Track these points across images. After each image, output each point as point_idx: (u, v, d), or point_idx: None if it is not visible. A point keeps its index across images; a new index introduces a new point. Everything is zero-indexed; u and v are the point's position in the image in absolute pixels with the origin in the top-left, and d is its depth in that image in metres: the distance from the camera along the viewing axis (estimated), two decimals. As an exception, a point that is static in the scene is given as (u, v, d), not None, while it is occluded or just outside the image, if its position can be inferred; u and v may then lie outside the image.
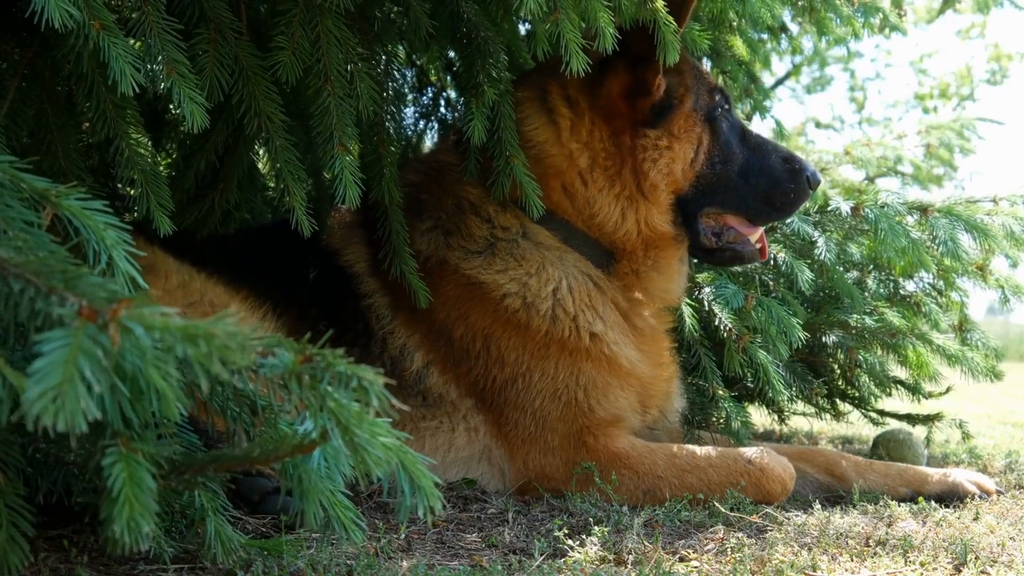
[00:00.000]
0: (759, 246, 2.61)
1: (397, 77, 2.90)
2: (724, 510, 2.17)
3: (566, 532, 1.93)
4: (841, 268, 3.09)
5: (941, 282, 3.24)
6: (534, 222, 2.49)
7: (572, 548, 1.82)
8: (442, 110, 3.69)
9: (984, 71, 15.09)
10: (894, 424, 3.42)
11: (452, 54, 3.35)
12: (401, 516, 1.10)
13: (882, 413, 3.44)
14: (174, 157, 3.12)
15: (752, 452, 2.36)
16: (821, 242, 2.87)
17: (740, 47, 3.55)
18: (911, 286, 3.27)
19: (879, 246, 2.86)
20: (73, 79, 1.89)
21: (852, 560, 1.81)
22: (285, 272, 2.55)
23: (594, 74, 2.38)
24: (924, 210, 2.82)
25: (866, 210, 2.81)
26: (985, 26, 14.78)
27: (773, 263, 2.92)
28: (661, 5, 2.17)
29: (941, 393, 3.40)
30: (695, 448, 2.38)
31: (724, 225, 2.61)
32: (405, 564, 1.65)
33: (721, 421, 2.72)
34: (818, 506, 2.26)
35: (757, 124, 4.10)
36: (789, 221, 2.88)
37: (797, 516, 2.20)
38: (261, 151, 2.52)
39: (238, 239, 2.67)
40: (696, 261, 2.95)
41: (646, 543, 1.86)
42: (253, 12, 2.47)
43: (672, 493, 2.30)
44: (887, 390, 3.25)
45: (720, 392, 2.72)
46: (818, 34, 3.44)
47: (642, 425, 2.59)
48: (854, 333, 3.01)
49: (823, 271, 2.95)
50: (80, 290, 0.98)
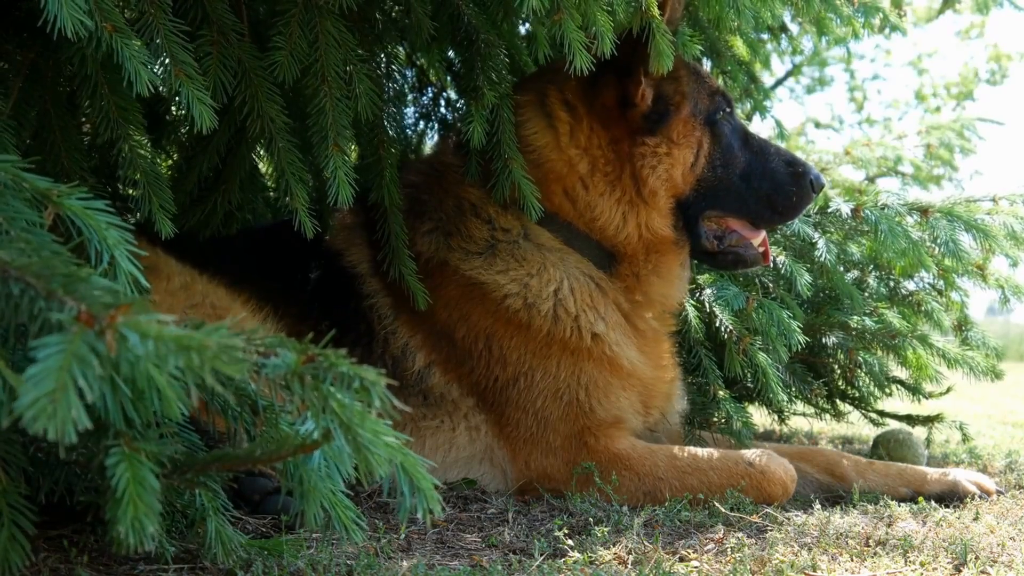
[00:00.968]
0: (762, 250, 2.61)
1: (397, 78, 2.91)
2: (724, 510, 2.17)
3: (566, 532, 1.94)
4: (841, 269, 3.09)
5: (941, 282, 3.24)
6: (536, 224, 2.50)
7: (572, 548, 1.83)
8: (442, 110, 3.69)
9: (984, 71, 15.05)
10: (894, 424, 3.42)
11: (452, 54, 3.35)
12: (401, 517, 1.10)
13: (882, 413, 3.44)
14: (174, 159, 3.12)
15: (753, 454, 2.36)
16: (821, 243, 2.87)
17: (740, 47, 3.55)
18: (911, 286, 3.27)
19: (879, 247, 2.86)
20: (77, 80, 1.89)
21: (852, 560, 1.81)
22: (287, 273, 2.55)
23: (592, 80, 2.40)
24: (924, 211, 2.82)
25: (866, 211, 2.81)
26: (985, 26, 14.78)
27: (773, 265, 2.92)
28: (656, 12, 2.17)
29: (941, 393, 3.40)
30: (696, 450, 2.38)
31: (727, 229, 2.60)
32: (405, 564, 1.66)
33: (722, 421, 2.72)
34: (818, 506, 2.27)
35: (757, 124, 4.10)
36: (789, 222, 2.87)
37: (797, 516, 2.20)
38: (263, 152, 2.52)
39: (240, 241, 2.68)
40: (697, 263, 2.95)
41: (646, 543, 1.87)
42: (253, 13, 2.47)
43: (672, 494, 2.30)
44: (887, 390, 3.25)
45: (721, 393, 2.72)
46: (818, 34, 3.43)
47: (643, 427, 2.59)
48: (854, 334, 3.01)
49: (823, 272, 2.95)
50: (79, 294, 0.98)
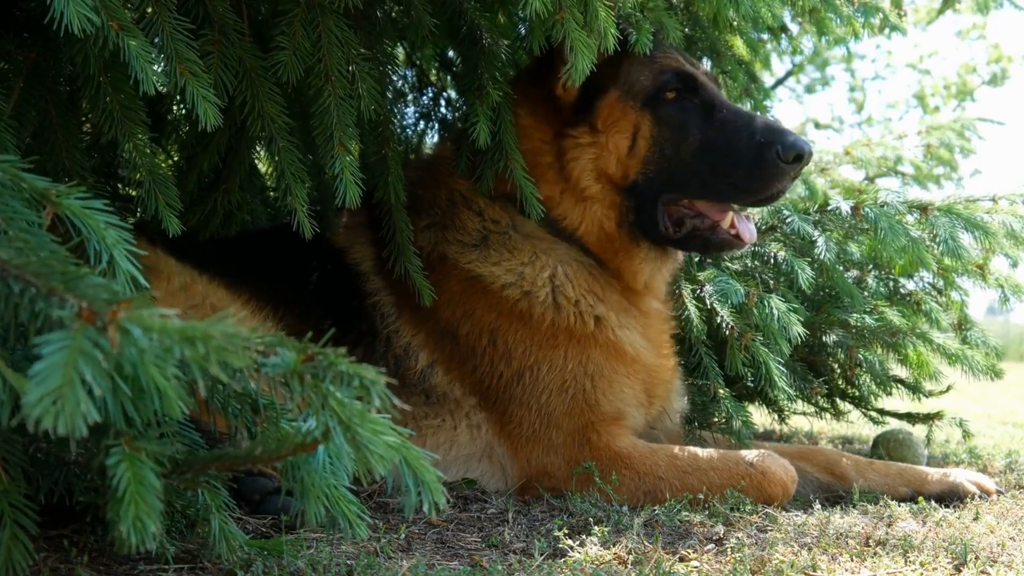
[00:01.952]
0: (733, 232, 2.45)
1: (396, 79, 2.91)
2: (724, 510, 2.17)
3: (566, 532, 1.94)
4: (841, 267, 3.09)
5: (941, 281, 3.24)
6: (523, 215, 2.50)
7: (572, 548, 1.83)
8: (442, 110, 3.70)
9: (985, 72, 15.05)
10: (894, 423, 3.42)
11: (451, 53, 3.35)
12: (407, 512, 1.10)
13: (882, 412, 3.44)
14: (175, 158, 3.12)
15: (754, 455, 2.36)
16: (821, 242, 2.86)
17: (740, 47, 3.55)
18: (911, 285, 3.27)
19: (879, 245, 2.85)
20: (79, 80, 1.89)
21: (852, 560, 1.81)
22: (288, 273, 2.56)
23: (531, 78, 2.46)
24: (924, 209, 2.82)
25: (866, 209, 2.81)
26: (985, 27, 14.78)
27: (773, 262, 2.92)
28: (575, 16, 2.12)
29: (941, 392, 3.40)
30: (696, 450, 2.38)
31: (692, 212, 2.48)
32: (405, 564, 1.66)
33: (722, 421, 2.71)
34: (818, 506, 2.27)
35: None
36: (789, 220, 2.85)
37: (797, 516, 2.20)
38: (263, 152, 2.52)
39: (241, 241, 2.68)
40: (698, 259, 2.95)
41: (646, 543, 1.87)
42: (253, 13, 2.47)
43: (673, 494, 2.30)
44: (887, 389, 3.24)
45: (721, 392, 2.72)
46: (818, 34, 3.43)
47: (645, 422, 2.59)
48: (854, 332, 3.01)
49: (823, 270, 2.95)
50: (80, 292, 0.98)
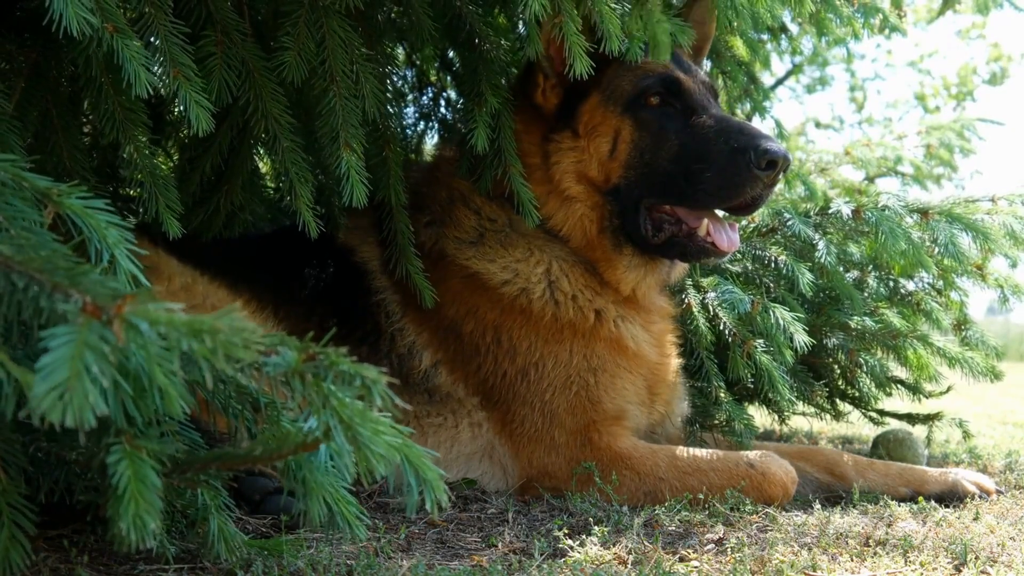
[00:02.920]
0: (709, 240, 2.41)
1: (396, 79, 2.91)
2: (724, 510, 2.17)
3: (566, 532, 1.94)
4: (841, 269, 3.09)
5: (941, 282, 3.24)
6: (520, 215, 2.50)
7: (572, 548, 1.83)
8: (442, 110, 3.70)
9: (984, 71, 15.06)
10: (894, 424, 3.42)
11: (452, 54, 3.35)
12: (409, 510, 1.10)
13: (882, 413, 3.44)
14: (176, 160, 3.12)
15: (754, 456, 2.36)
16: (822, 245, 2.86)
17: (740, 47, 3.55)
18: (911, 286, 3.27)
19: (880, 248, 2.85)
20: (81, 81, 1.89)
21: (852, 560, 1.81)
22: (291, 273, 2.57)
23: (521, 84, 2.48)
24: (924, 212, 2.83)
25: (867, 213, 2.81)
26: (985, 27, 14.79)
27: (774, 265, 2.92)
28: (566, 19, 2.12)
29: (941, 393, 3.40)
30: (697, 451, 2.38)
31: (672, 218, 2.45)
32: (405, 564, 1.66)
33: (723, 423, 2.72)
34: (818, 506, 2.27)
35: (757, 124, 4.09)
36: (789, 222, 2.84)
37: (797, 516, 2.20)
38: (265, 152, 2.53)
39: (243, 242, 2.69)
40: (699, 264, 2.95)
41: (646, 543, 1.87)
42: (255, 13, 2.48)
43: (673, 495, 2.30)
44: (887, 390, 3.25)
45: (722, 395, 2.72)
46: (818, 34, 3.44)
47: (647, 424, 2.59)
48: (855, 334, 3.01)
49: (824, 273, 2.95)
50: (84, 287, 0.99)
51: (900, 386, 3.26)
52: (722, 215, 2.52)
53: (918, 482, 2.51)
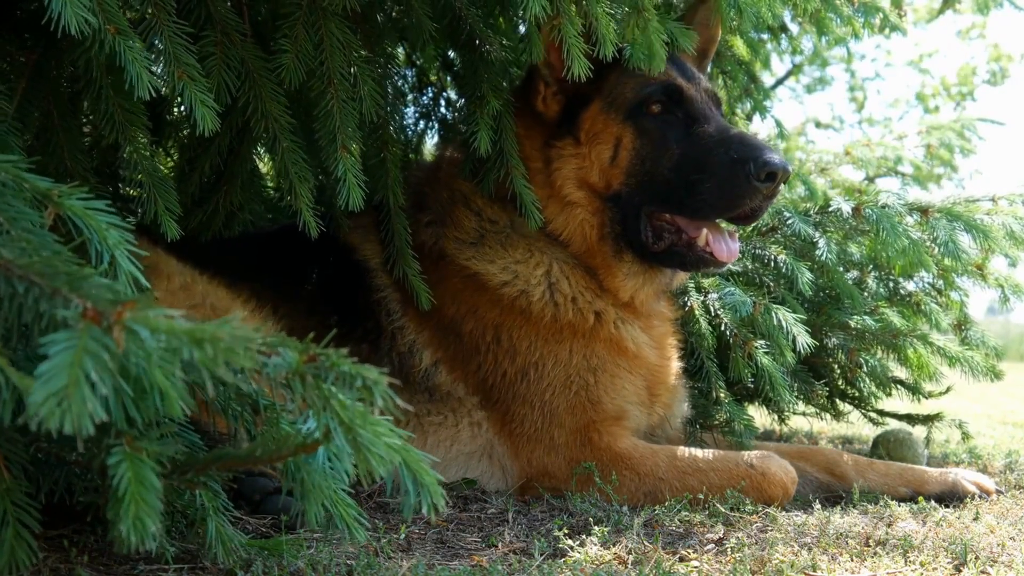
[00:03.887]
0: (708, 250, 2.41)
1: (396, 79, 2.91)
2: (724, 510, 2.17)
3: (566, 532, 1.94)
4: (841, 268, 3.09)
5: (941, 281, 3.24)
6: (521, 216, 2.50)
7: (572, 548, 1.83)
8: (442, 110, 3.70)
9: (984, 71, 15.04)
10: (894, 424, 3.42)
11: (452, 55, 3.35)
12: (406, 513, 1.10)
13: (882, 413, 3.44)
14: (176, 160, 3.12)
15: (754, 456, 2.36)
16: (822, 243, 2.87)
17: (740, 47, 3.55)
18: (911, 286, 3.27)
19: (880, 247, 2.86)
20: (81, 82, 1.89)
21: (852, 560, 1.81)
22: (291, 272, 2.57)
23: (523, 89, 2.48)
24: (924, 211, 2.83)
25: (867, 211, 2.81)
26: (985, 26, 14.78)
27: (774, 264, 2.92)
28: (565, 20, 2.12)
29: (941, 393, 3.40)
30: (697, 451, 2.38)
31: (673, 227, 2.46)
32: (405, 564, 1.66)
33: (723, 423, 2.72)
34: (818, 506, 2.27)
35: (757, 124, 4.10)
36: (790, 221, 2.84)
37: (797, 516, 2.20)
38: (265, 152, 2.53)
39: (242, 241, 2.69)
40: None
41: (646, 543, 1.87)
42: (254, 14, 2.48)
43: (673, 495, 2.30)
44: (887, 390, 3.25)
45: (723, 395, 2.72)
46: (818, 34, 3.43)
47: (647, 425, 2.60)
48: (855, 334, 3.01)
49: (824, 272, 2.95)
50: (84, 292, 0.99)
51: (900, 386, 3.26)
52: (724, 224, 2.51)
53: (918, 482, 2.51)
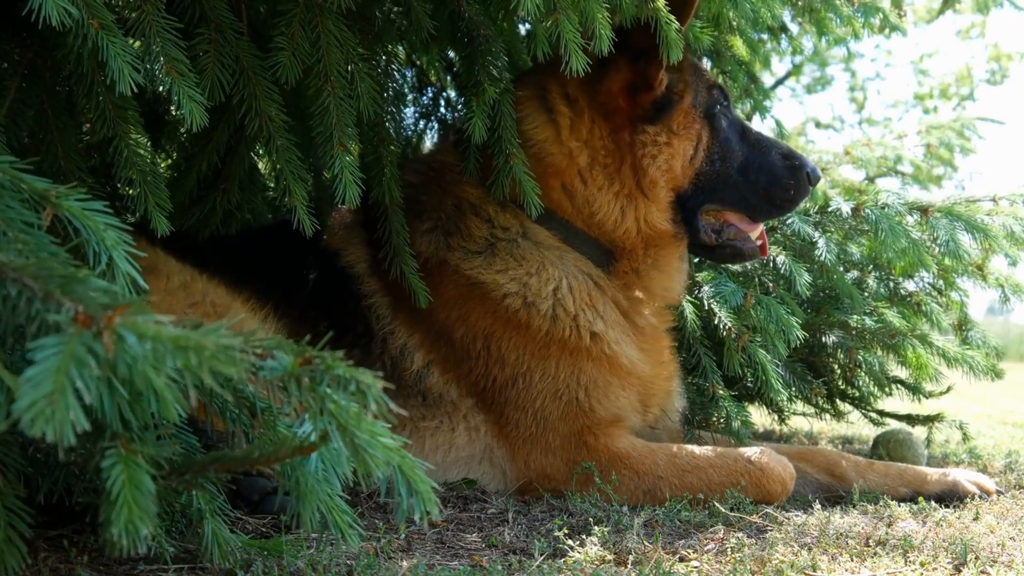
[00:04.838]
0: (759, 243, 2.62)
1: (397, 77, 2.90)
2: (724, 510, 2.17)
3: (566, 532, 1.93)
4: (841, 268, 3.08)
5: (941, 282, 3.24)
6: (534, 222, 2.50)
7: (572, 548, 1.82)
8: (442, 110, 3.69)
9: (984, 71, 15.07)
10: (894, 424, 3.42)
11: (452, 54, 3.35)
12: (398, 519, 1.10)
13: (882, 413, 3.44)
14: (174, 158, 3.12)
15: (752, 452, 2.36)
16: (821, 243, 2.86)
17: (740, 47, 3.55)
18: (911, 285, 3.27)
19: (879, 246, 2.85)
20: (73, 79, 1.89)
21: (852, 560, 1.81)
22: (286, 273, 2.55)
23: (593, 72, 2.38)
24: (924, 210, 2.82)
25: (867, 211, 2.81)
26: (985, 26, 14.78)
27: (772, 265, 2.92)
28: (662, 4, 2.18)
29: (941, 393, 3.40)
30: (695, 448, 2.38)
31: (724, 222, 2.61)
32: (405, 564, 1.65)
33: (721, 421, 2.72)
34: (818, 506, 2.26)
35: (757, 124, 4.08)
36: (789, 221, 2.88)
37: (797, 516, 2.20)
38: (262, 151, 2.52)
39: (240, 240, 2.67)
40: (696, 260, 2.95)
41: (646, 543, 1.86)
42: (253, 12, 2.47)
43: (672, 493, 2.30)
44: (887, 390, 3.24)
45: (720, 392, 2.72)
46: (818, 34, 3.43)
47: (643, 425, 2.59)
48: (854, 333, 3.01)
49: (823, 271, 2.95)
50: (77, 295, 0.98)
51: (900, 386, 3.26)
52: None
53: (918, 482, 2.51)
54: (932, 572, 1.76)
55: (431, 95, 3.70)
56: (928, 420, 3.34)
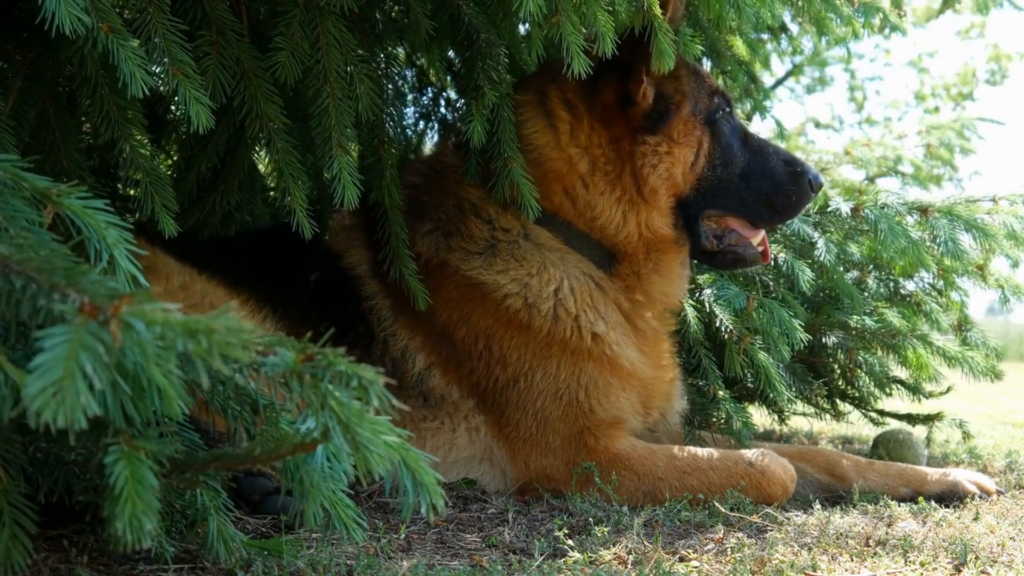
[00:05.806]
0: (761, 249, 2.62)
1: (397, 79, 2.91)
2: (724, 510, 2.17)
3: (566, 532, 1.94)
4: (841, 268, 3.09)
5: (941, 282, 3.24)
6: (536, 224, 2.50)
7: (572, 548, 1.82)
8: (442, 110, 3.69)
9: (984, 71, 15.04)
10: (894, 424, 3.42)
11: (452, 54, 3.35)
12: (404, 513, 1.10)
13: (882, 413, 3.44)
14: (175, 159, 3.12)
15: (753, 454, 2.36)
16: (821, 243, 2.87)
17: (740, 47, 3.55)
18: (911, 286, 3.27)
19: (879, 246, 2.85)
20: (77, 80, 1.89)
21: (852, 560, 1.81)
22: (286, 275, 2.55)
23: (592, 80, 2.39)
24: (924, 210, 2.82)
25: (866, 211, 2.81)
26: (985, 26, 14.77)
27: (774, 263, 2.92)
28: (659, 11, 2.17)
29: (941, 393, 3.40)
30: (696, 450, 2.38)
31: (726, 228, 2.61)
32: (405, 564, 1.66)
33: (722, 422, 2.71)
34: (818, 506, 2.26)
35: (757, 124, 4.10)
36: (789, 221, 2.88)
37: (797, 516, 2.20)
38: (262, 152, 2.52)
39: (239, 241, 2.67)
40: (697, 263, 2.95)
41: (646, 543, 1.87)
42: (253, 14, 2.47)
43: (672, 494, 2.30)
44: (887, 390, 3.24)
45: (721, 393, 2.72)
46: (818, 34, 3.43)
47: (643, 427, 2.59)
48: (854, 334, 3.01)
49: (823, 272, 2.95)
50: (82, 286, 0.98)
51: (900, 386, 3.26)
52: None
53: (918, 482, 2.51)
54: (932, 572, 1.76)
55: (431, 95, 3.70)
56: (928, 420, 3.34)
